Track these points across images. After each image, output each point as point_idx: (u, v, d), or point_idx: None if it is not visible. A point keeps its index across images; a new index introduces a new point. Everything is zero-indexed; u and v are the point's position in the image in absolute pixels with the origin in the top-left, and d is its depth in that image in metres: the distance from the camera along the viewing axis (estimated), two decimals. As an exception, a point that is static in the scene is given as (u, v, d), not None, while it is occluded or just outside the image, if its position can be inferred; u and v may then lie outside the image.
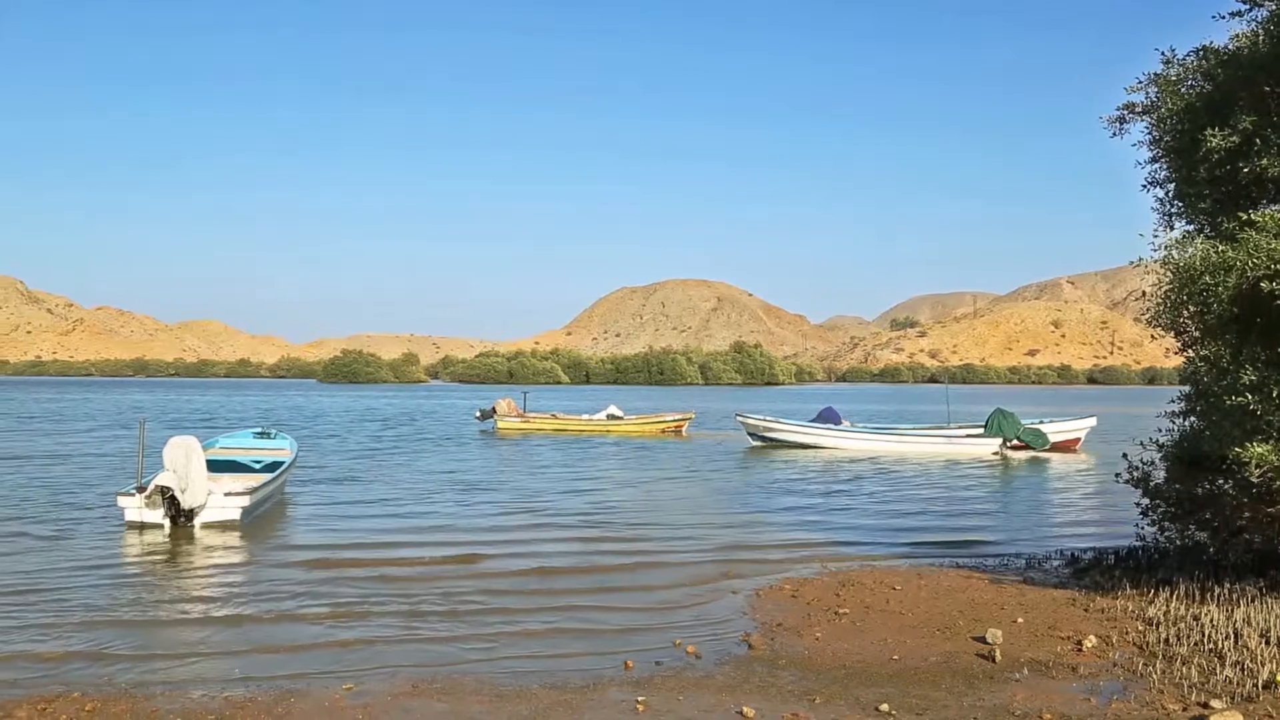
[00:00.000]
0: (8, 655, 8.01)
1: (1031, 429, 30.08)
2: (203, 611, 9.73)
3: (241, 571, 11.66)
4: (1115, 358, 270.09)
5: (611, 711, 6.75)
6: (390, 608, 9.74)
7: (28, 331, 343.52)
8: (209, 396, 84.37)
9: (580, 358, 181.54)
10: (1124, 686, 7.14)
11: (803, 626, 8.96)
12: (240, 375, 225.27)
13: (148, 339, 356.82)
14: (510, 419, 39.03)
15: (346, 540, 13.67)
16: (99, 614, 9.42)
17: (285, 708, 6.74)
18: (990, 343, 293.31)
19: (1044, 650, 8.06)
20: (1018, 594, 10.10)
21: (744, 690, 7.19)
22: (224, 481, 15.15)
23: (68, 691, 7.04)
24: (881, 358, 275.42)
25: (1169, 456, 10.40)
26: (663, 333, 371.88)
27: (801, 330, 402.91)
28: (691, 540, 13.91)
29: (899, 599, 9.95)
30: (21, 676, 7.46)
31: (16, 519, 14.87)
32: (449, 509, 16.99)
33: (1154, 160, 10.17)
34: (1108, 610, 9.23)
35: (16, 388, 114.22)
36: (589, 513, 16.62)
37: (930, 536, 14.60)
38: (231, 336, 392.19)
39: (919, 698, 6.98)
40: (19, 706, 6.71)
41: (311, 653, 8.21)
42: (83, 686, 7.18)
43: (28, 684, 7.27)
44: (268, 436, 20.52)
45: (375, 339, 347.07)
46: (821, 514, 16.84)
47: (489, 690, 7.19)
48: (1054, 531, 15.20)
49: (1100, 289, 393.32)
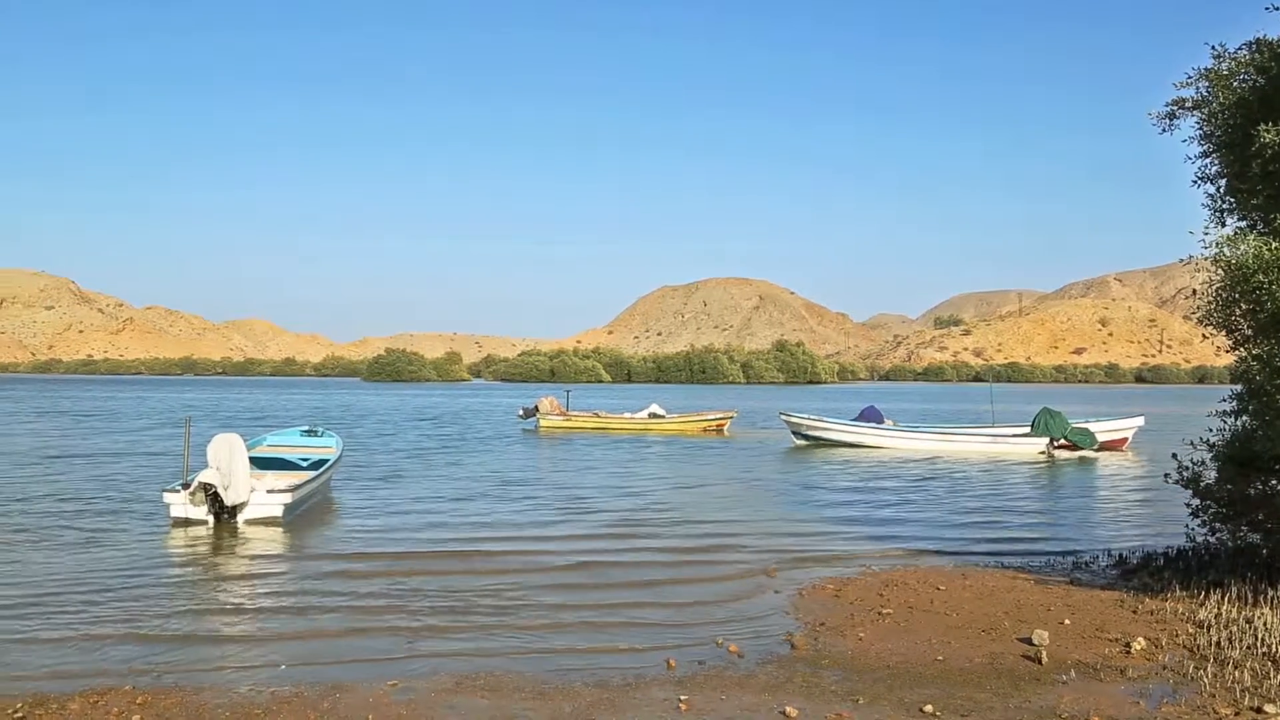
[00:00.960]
0: (59, 649, 8.16)
1: (1079, 428, 29.68)
2: (247, 607, 9.85)
3: (285, 568, 11.77)
4: (1164, 356, 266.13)
5: (654, 710, 6.75)
6: (433, 605, 9.80)
7: (80, 331, 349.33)
8: (261, 395, 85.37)
9: (622, 356, 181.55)
10: (1174, 690, 7.03)
11: (846, 626, 8.91)
12: (286, 374, 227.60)
13: (195, 338, 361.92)
14: (552, 417, 39.25)
15: (390, 537, 13.78)
16: (147, 609, 9.56)
17: (331, 703, 6.81)
18: (1036, 341, 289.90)
19: (1091, 652, 7.96)
20: (1064, 595, 9.98)
21: (787, 690, 7.16)
22: (267, 479, 15.33)
23: (119, 685, 7.16)
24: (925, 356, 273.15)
25: (1220, 456, 10.23)
26: (704, 331, 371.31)
27: (844, 329, 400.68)
28: (733, 538, 13.87)
29: (943, 599, 9.87)
30: (73, 670, 7.60)
31: (69, 514, 15.14)
32: (491, 507, 17.07)
33: (1204, 156, 10.02)
34: (1157, 612, 9.10)
35: (70, 386, 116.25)
36: (631, 511, 16.63)
37: (975, 534, 14.47)
38: (277, 335, 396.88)
39: (964, 699, 6.92)
40: (71, 700, 6.83)
41: (355, 649, 8.29)
42: (133, 680, 7.30)
43: (79, 677, 7.40)
44: (315, 434, 20.76)
45: (418, 338, 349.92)
46: (865, 513, 16.74)
47: (531, 687, 7.22)
48: (1101, 532, 15.01)
49: (1149, 286, 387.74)
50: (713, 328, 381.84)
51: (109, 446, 28.61)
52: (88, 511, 15.48)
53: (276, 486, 14.72)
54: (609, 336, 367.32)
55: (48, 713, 6.59)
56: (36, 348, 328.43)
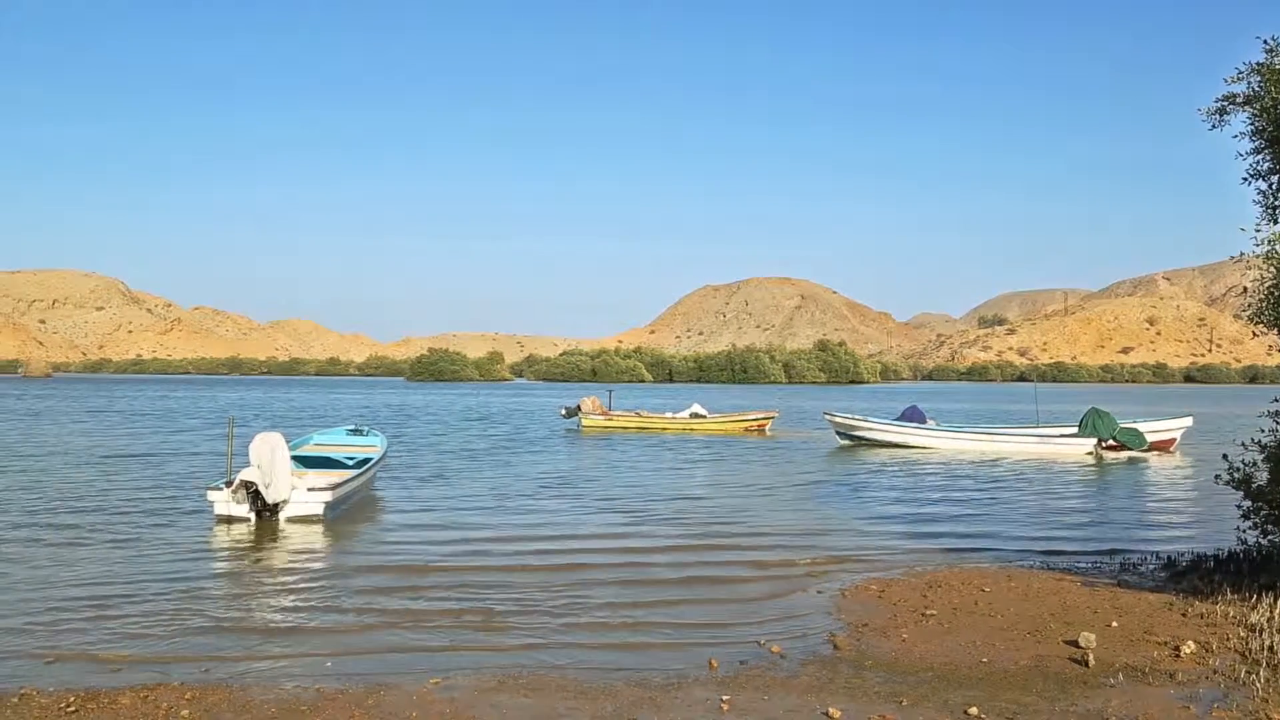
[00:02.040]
0: (109, 645, 8.29)
1: (1128, 428, 29.26)
2: (291, 605, 9.94)
3: (327, 566, 11.88)
4: (1214, 355, 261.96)
5: (696, 710, 6.74)
6: (475, 603, 9.85)
7: (129, 331, 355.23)
8: (312, 395, 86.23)
9: (663, 356, 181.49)
10: (1225, 694, 6.92)
11: (889, 627, 8.86)
12: (329, 374, 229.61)
13: (241, 338, 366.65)
14: (595, 417, 39.45)
15: (433, 536, 13.86)
16: (193, 606, 9.69)
17: (375, 700, 6.87)
18: (1082, 340, 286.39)
19: (1140, 655, 7.85)
20: (1111, 597, 9.86)
21: (829, 691, 7.13)
22: (309, 477, 15.49)
23: (167, 680, 7.27)
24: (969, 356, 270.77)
25: (1272, 458, 10.05)
26: (746, 331, 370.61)
27: (886, 328, 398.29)
28: (775, 539, 13.83)
29: (988, 601, 9.78)
30: (123, 666, 7.72)
31: (118, 512, 15.37)
32: (533, 506, 17.13)
33: (1256, 152, 9.84)
34: (1207, 615, 8.96)
35: (121, 385, 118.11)
36: (672, 511, 16.63)
37: (1020, 535, 14.32)
38: (321, 335, 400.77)
39: (1009, 701, 6.85)
40: (122, 694, 6.95)
41: (398, 646, 8.35)
42: (181, 675, 7.40)
43: (129, 673, 7.52)
44: (360, 433, 21.01)
45: (460, 338, 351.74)
46: (908, 513, 16.62)
47: (573, 687, 7.24)
48: (1148, 534, 14.79)
49: (1198, 284, 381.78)
50: (754, 327, 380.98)
51: (160, 446, 29.03)
52: (135, 509, 15.70)
53: (317, 485, 14.88)
54: (651, 336, 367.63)
55: (99, 707, 6.70)
56: (87, 347, 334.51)
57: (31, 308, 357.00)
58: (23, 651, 8.01)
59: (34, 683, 7.19)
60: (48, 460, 24.07)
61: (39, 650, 8.04)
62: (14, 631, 8.62)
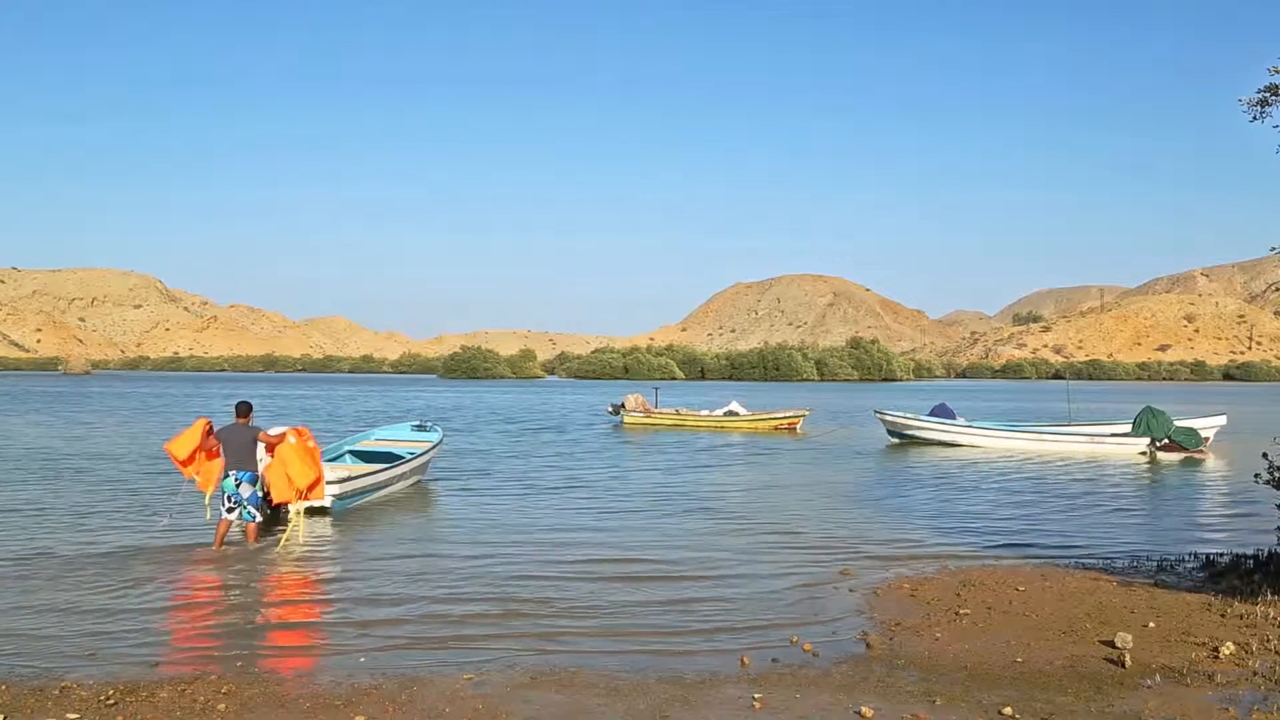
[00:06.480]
0: (145, 638, 8.40)
1: (1184, 428, 28.60)
2: (325, 600, 10.01)
3: (361, 562, 11.87)
4: (1254, 353, 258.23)
5: (728, 708, 6.74)
6: (507, 599, 9.89)
7: (166, 329, 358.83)
8: (370, 393, 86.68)
9: (695, 354, 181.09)
10: (1265, 696, 6.84)
11: (922, 626, 8.82)
12: (364, 371, 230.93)
13: (276, 335, 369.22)
14: (635, 414, 40.25)
15: (465, 531, 13.93)
16: (225, 599, 9.81)
17: (409, 695, 6.92)
18: (1118, 338, 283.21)
19: (1177, 656, 7.77)
20: (1148, 597, 9.76)
21: (862, 689, 7.11)
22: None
23: (204, 674, 7.35)
24: (1003, 353, 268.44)
25: (1313, 456, 9.92)
26: (778, 328, 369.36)
27: (920, 325, 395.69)
28: (808, 536, 13.80)
29: (1022, 600, 9.71)
30: (160, 659, 7.83)
31: (146, 504, 15.52)
32: (566, 503, 17.17)
33: (1297, 145, 9.70)
34: (1247, 616, 8.85)
35: (159, 382, 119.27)
36: (706, 508, 16.62)
37: (1056, 534, 14.19)
38: (355, 333, 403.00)
39: (1044, 702, 6.80)
40: (161, 687, 7.04)
41: (431, 642, 8.39)
42: (218, 669, 7.49)
43: (166, 666, 7.63)
44: (424, 429, 21.36)
45: (493, 335, 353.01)
46: (943, 511, 16.53)
47: (605, 684, 7.25)
48: (1186, 533, 14.63)
49: (1237, 281, 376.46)
50: (787, 325, 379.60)
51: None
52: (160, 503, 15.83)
53: (328, 479, 14.93)
54: (683, 334, 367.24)
55: (138, 700, 6.79)
56: (125, 345, 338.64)
57: (71, 306, 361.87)
58: (61, 647, 8.12)
59: (74, 676, 7.30)
60: (90, 462, 24.37)
61: (77, 646, 8.15)
62: (54, 626, 8.75)
